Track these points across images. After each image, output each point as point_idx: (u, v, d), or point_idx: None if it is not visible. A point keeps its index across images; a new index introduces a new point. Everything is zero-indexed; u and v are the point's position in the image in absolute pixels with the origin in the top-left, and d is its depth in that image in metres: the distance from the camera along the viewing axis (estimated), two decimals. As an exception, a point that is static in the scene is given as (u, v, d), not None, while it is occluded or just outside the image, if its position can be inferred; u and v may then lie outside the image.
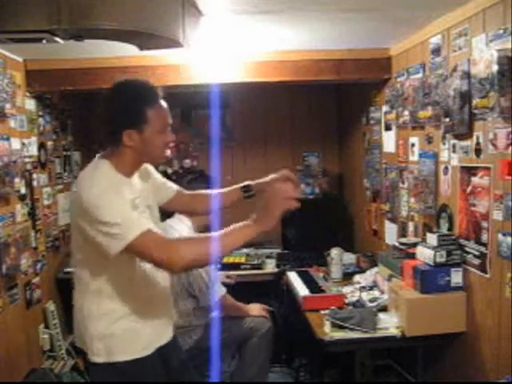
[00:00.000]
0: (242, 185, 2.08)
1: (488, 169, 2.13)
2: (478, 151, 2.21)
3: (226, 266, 3.62)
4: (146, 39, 2.10)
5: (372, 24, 2.56)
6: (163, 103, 1.76)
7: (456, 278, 2.35)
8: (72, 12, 1.78)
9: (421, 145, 2.79)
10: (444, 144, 2.51)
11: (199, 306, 2.82)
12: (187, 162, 4.32)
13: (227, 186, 2.24)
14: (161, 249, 1.63)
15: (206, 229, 2.96)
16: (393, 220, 3.25)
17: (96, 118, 1.86)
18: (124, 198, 1.67)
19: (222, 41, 2.77)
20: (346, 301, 2.75)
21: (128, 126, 1.69)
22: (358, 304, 2.69)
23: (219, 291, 2.87)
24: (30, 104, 3.18)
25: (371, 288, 2.90)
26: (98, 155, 1.83)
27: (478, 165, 2.20)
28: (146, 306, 1.83)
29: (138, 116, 1.69)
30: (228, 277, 3.47)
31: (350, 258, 3.55)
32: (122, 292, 1.78)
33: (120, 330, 1.78)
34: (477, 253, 2.24)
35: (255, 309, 3.04)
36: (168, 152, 1.82)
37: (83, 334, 1.85)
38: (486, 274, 2.18)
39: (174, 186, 2.09)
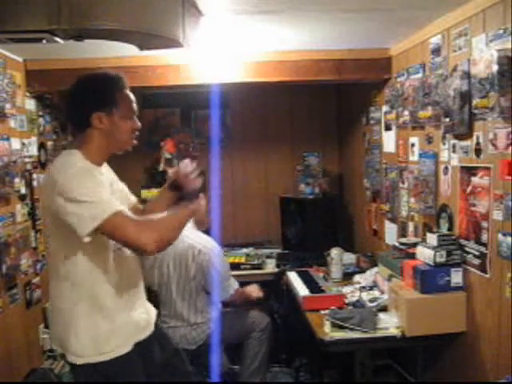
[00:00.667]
0: (165, 186, 2.09)
1: (488, 169, 2.13)
2: (477, 151, 2.21)
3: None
4: (146, 39, 2.10)
5: (372, 24, 2.56)
6: (130, 92, 1.83)
7: (456, 277, 2.35)
8: (72, 12, 1.78)
9: (421, 145, 2.79)
10: (444, 144, 2.51)
11: (214, 301, 2.92)
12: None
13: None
14: (134, 229, 1.65)
15: (201, 224, 3.03)
16: (393, 220, 3.25)
17: (64, 107, 1.91)
18: (98, 180, 1.71)
19: (222, 41, 2.77)
20: (346, 301, 2.75)
21: (97, 108, 1.74)
22: (358, 304, 2.69)
23: (233, 285, 2.99)
24: (30, 104, 3.18)
25: (371, 288, 2.90)
26: (66, 148, 1.86)
27: (478, 165, 2.20)
28: (122, 300, 1.82)
29: (107, 98, 1.76)
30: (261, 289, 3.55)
31: (350, 258, 3.56)
32: (98, 284, 1.76)
33: (100, 327, 1.76)
34: (477, 253, 2.24)
35: (254, 290, 3.16)
36: (134, 140, 1.86)
37: (61, 333, 1.81)
38: (486, 274, 2.18)
39: (134, 198, 2.09)
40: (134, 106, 1.84)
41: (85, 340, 1.76)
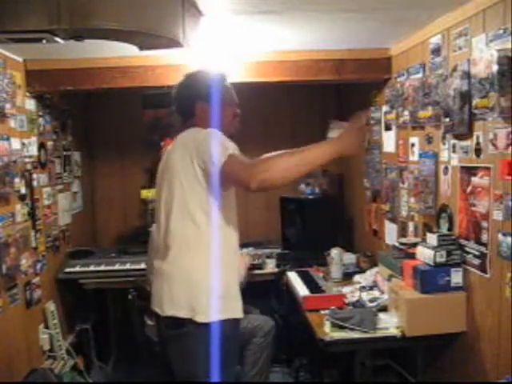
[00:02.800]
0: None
1: (488, 169, 2.13)
2: (477, 151, 2.21)
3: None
4: (146, 39, 2.10)
5: (372, 24, 2.56)
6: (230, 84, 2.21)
7: (456, 277, 2.36)
8: (72, 12, 1.78)
9: (421, 145, 2.79)
10: (444, 144, 2.51)
11: None
12: (187, 162, 4.32)
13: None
14: (242, 166, 1.93)
15: None
16: (393, 220, 3.25)
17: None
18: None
19: (222, 41, 2.78)
20: (346, 301, 2.75)
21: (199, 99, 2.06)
22: (358, 304, 2.69)
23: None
24: (30, 104, 3.18)
25: (371, 288, 2.90)
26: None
27: (478, 165, 2.20)
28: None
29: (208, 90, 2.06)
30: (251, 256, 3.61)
31: (350, 258, 3.55)
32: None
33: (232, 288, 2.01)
34: (477, 253, 2.25)
35: (246, 262, 3.23)
36: (238, 125, 2.28)
37: (189, 291, 1.92)
38: (486, 274, 2.18)
39: None
40: (235, 96, 2.28)
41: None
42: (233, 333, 1.96)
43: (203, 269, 1.92)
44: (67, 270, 3.53)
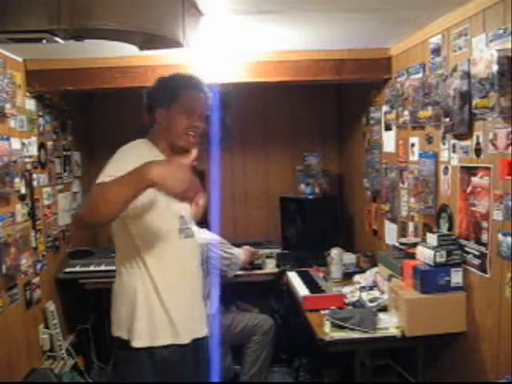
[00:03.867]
0: None
1: (488, 169, 2.13)
2: (478, 151, 2.21)
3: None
4: (146, 39, 2.10)
5: (372, 24, 2.56)
6: (197, 92, 1.92)
7: (456, 277, 2.35)
8: (72, 12, 1.78)
9: (421, 145, 2.79)
10: (444, 144, 2.51)
11: (230, 275, 3.10)
12: (187, 162, 4.32)
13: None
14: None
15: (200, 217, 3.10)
16: (393, 220, 3.25)
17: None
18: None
19: (222, 41, 2.77)
20: (346, 301, 2.75)
21: (160, 104, 1.87)
22: (358, 304, 2.69)
23: (238, 256, 3.14)
24: (30, 104, 3.18)
25: (371, 288, 2.90)
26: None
27: (478, 165, 2.20)
28: (177, 292, 1.86)
29: (169, 95, 1.87)
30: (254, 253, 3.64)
31: (350, 258, 3.55)
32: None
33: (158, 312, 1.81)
34: (477, 253, 2.24)
35: (248, 255, 3.41)
36: (191, 138, 1.88)
37: (124, 317, 1.84)
38: (486, 274, 2.18)
39: None
40: (198, 105, 1.91)
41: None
42: (176, 359, 1.84)
43: (141, 292, 1.82)
44: (67, 269, 3.53)
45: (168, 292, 1.83)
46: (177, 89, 1.88)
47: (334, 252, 3.29)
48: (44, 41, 2.00)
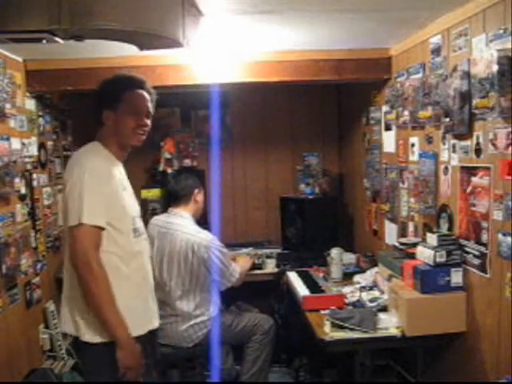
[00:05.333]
0: None
1: (488, 169, 2.13)
2: (478, 151, 2.21)
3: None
4: (146, 39, 2.10)
5: (372, 24, 2.56)
6: (143, 92, 1.98)
7: (456, 277, 2.35)
8: (72, 12, 1.78)
9: (421, 145, 2.79)
10: (444, 144, 2.51)
11: (221, 288, 2.98)
12: (187, 162, 4.32)
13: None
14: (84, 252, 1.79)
15: (201, 218, 3.13)
16: (393, 220, 3.25)
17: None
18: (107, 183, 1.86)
19: (222, 41, 2.77)
20: (346, 301, 2.74)
21: (106, 107, 1.93)
22: (358, 304, 2.69)
23: (236, 269, 3.04)
24: (30, 104, 3.18)
25: (371, 288, 2.90)
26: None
27: (478, 165, 2.20)
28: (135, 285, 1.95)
29: (114, 97, 1.92)
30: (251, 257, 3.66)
31: (350, 258, 3.56)
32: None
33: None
34: (477, 253, 2.25)
35: (247, 262, 3.34)
36: (142, 136, 1.99)
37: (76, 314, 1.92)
38: (486, 274, 2.18)
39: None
40: (144, 105, 1.97)
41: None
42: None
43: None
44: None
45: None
46: (121, 90, 1.94)
47: (334, 252, 3.29)
48: (44, 41, 2.00)
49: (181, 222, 2.95)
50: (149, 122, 2.01)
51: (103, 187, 1.84)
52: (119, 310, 1.81)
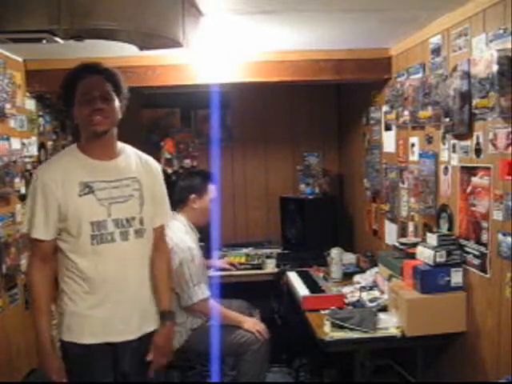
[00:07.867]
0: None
1: (488, 169, 2.13)
2: (478, 151, 2.21)
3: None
4: (146, 39, 2.10)
5: (372, 24, 2.56)
6: (90, 75, 1.89)
7: (456, 277, 2.35)
8: (72, 12, 1.78)
9: (421, 145, 2.79)
10: (444, 144, 2.51)
11: (180, 305, 2.71)
12: (187, 162, 4.32)
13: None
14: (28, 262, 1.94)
15: (203, 226, 3.02)
16: (393, 220, 3.25)
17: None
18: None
19: (222, 41, 2.77)
20: (346, 301, 2.74)
21: (69, 105, 1.89)
22: (358, 304, 2.69)
23: (199, 294, 2.72)
24: (30, 104, 3.18)
25: (371, 288, 2.90)
26: None
27: (478, 165, 2.20)
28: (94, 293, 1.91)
29: (69, 93, 1.89)
30: (231, 264, 3.60)
31: (350, 258, 3.56)
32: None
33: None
34: (477, 253, 2.25)
35: (248, 322, 2.81)
36: (98, 121, 1.85)
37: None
38: (486, 274, 2.18)
39: (160, 220, 2.11)
40: (90, 90, 1.86)
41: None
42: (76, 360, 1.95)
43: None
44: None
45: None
46: (72, 83, 1.89)
47: (334, 252, 3.29)
48: (44, 41, 2.01)
49: (170, 225, 2.81)
50: (107, 105, 1.86)
51: (44, 199, 1.83)
52: (46, 319, 1.88)
